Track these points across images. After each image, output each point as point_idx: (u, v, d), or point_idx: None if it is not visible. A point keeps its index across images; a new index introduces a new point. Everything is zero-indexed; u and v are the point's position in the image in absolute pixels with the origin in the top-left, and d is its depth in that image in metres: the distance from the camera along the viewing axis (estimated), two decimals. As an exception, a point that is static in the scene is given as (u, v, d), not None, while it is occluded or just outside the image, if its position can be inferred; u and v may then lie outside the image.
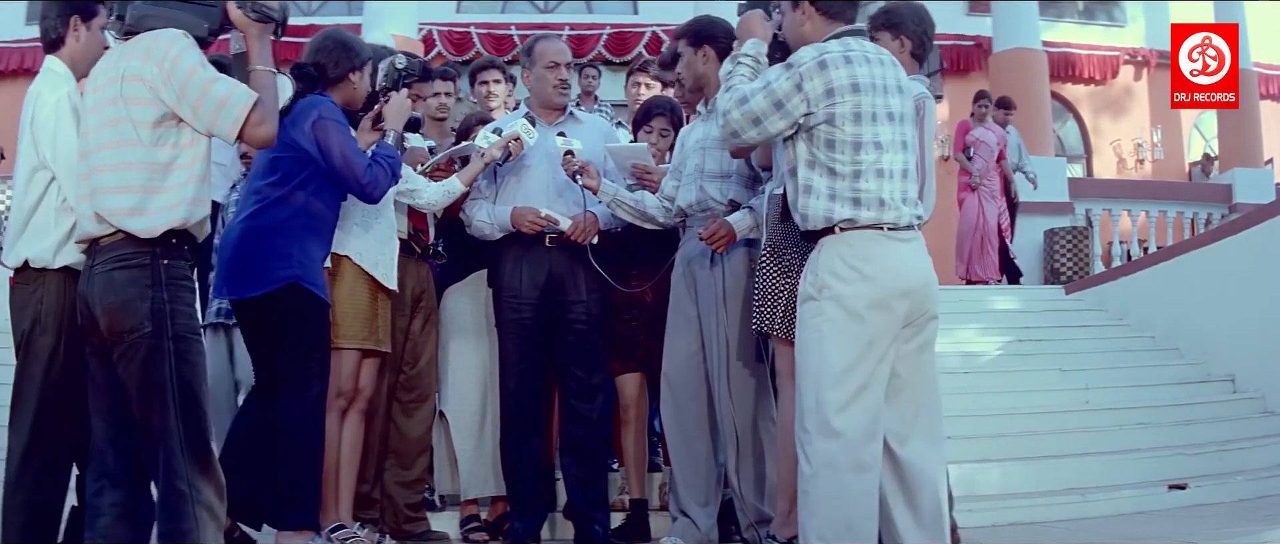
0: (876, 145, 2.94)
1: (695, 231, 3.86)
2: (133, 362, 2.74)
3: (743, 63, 3.19)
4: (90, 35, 3.24)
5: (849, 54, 2.96)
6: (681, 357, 3.91)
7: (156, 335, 2.73)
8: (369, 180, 3.52)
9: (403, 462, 4.17)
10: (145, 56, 2.78)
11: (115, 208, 2.76)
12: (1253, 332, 6.69)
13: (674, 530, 3.92)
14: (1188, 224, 10.85)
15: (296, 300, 3.48)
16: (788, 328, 3.45)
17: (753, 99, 2.97)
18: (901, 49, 3.55)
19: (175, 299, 2.78)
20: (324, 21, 15.29)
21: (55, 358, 3.08)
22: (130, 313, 2.73)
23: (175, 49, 2.78)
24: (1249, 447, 5.88)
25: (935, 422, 3.05)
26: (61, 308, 3.07)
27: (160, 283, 2.76)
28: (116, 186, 2.77)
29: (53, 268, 3.10)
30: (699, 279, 3.87)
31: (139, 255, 2.76)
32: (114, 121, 2.79)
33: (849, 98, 2.91)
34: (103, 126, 2.82)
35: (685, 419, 3.92)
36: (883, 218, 2.93)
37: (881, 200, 2.93)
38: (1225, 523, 4.67)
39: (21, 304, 3.15)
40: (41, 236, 3.12)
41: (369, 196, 3.59)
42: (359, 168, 3.49)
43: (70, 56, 3.24)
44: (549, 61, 4.21)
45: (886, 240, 2.94)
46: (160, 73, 2.75)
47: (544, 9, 15.73)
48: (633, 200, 4.03)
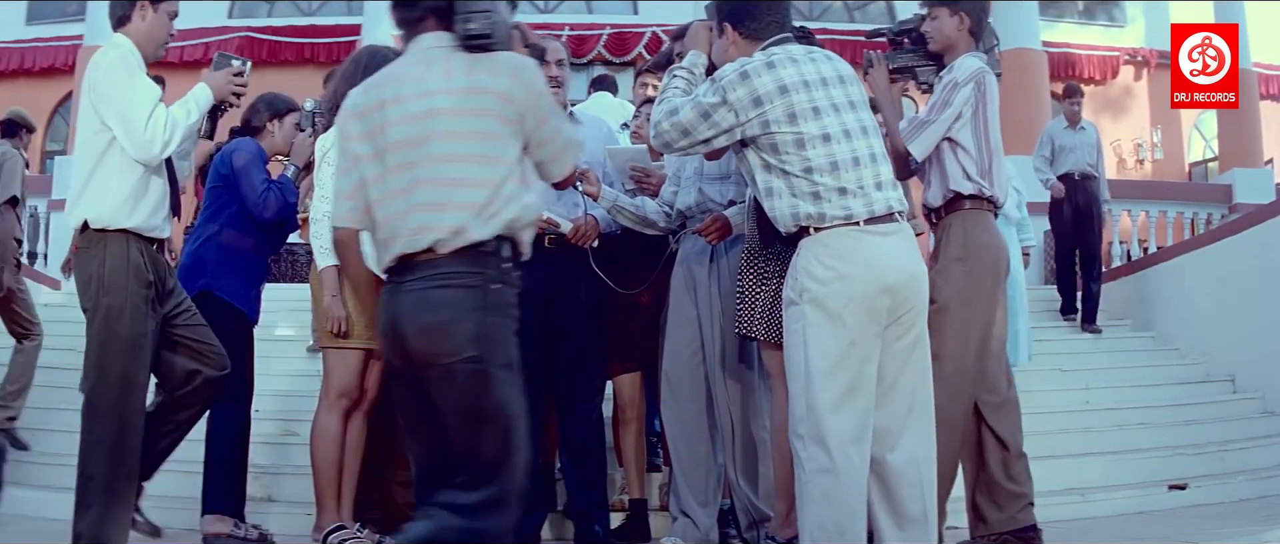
0: (823, 138, 2.93)
1: (692, 233, 3.86)
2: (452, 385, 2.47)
3: (678, 75, 3.23)
4: (156, 18, 3.56)
5: (772, 60, 2.98)
6: (681, 356, 3.92)
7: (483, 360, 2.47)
8: (262, 201, 3.99)
9: (403, 462, 4.16)
10: (513, 77, 2.52)
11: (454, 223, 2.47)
12: (1253, 332, 6.69)
13: (674, 530, 3.92)
14: (1188, 224, 10.85)
15: (209, 307, 3.86)
16: (766, 330, 3.46)
17: (681, 111, 3.02)
18: (960, 26, 3.59)
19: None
20: (324, 22, 15.31)
21: (122, 316, 3.41)
22: (455, 334, 2.44)
23: (541, 83, 2.61)
24: (1249, 447, 5.89)
25: (927, 421, 3.02)
26: (125, 271, 3.42)
27: (487, 306, 2.49)
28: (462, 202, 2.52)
29: (112, 229, 3.42)
30: (698, 279, 3.87)
31: (468, 274, 2.46)
32: (468, 135, 2.51)
33: (778, 100, 2.93)
34: (454, 137, 2.49)
35: (685, 419, 3.92)
36: (852, 209, 2.91)
37: (843, 189, 2.91)
38: (1225, 523, 4.67)
39: (82, 266, 3.48)
40: (103, 196, 3.42)
41: (261, 215, 4.02)
42: (256, 190, 4.00)
43: (135, 35, 3.54)
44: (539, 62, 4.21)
45: (864, 235, 2.91)
46: (528, 100, 2.53)
47: (544, 9, 15.73)
48: (633, 206, 4.03)
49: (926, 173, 3.64)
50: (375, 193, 2.49)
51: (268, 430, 5.35)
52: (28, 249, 9.41)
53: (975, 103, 3.52)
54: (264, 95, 4.34)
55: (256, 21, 15.45)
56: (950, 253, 3.55)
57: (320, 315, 3.91)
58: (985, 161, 3.56)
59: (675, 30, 4.25)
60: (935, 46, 3.66)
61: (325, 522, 3.81)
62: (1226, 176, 12.24)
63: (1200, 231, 10.20)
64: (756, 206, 3.53)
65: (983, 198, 3.57)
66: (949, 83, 3.53)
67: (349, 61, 4.08)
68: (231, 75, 3.67)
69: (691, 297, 3.89)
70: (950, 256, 3.55)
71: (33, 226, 9.57)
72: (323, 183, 3.85)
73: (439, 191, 2.41)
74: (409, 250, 2.43)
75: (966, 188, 3.55)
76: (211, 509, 3.97)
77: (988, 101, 3.53)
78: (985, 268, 3.56)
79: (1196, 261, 7.44)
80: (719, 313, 3.78)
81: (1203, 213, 11.11)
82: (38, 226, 9.63)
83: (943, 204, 3.60)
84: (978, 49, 3.63)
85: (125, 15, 3.56)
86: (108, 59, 3.47)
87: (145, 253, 3.53)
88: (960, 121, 3.51)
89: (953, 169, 3.56)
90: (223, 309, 3.98)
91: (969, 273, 3.52)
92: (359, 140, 2.50)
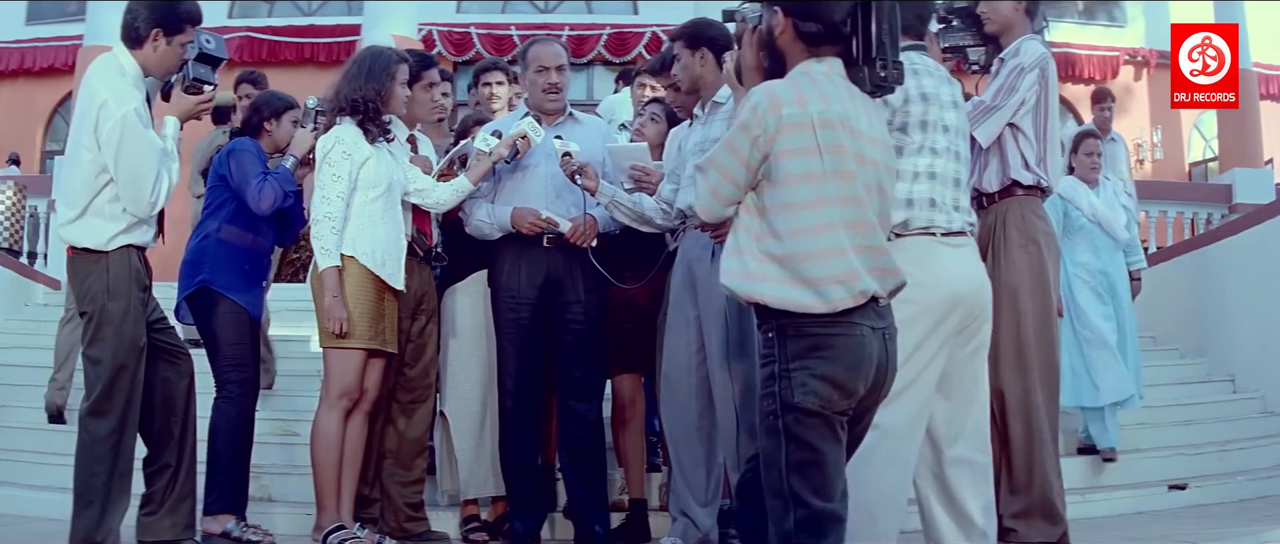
0: (931, 151, 2.99)
1: (693, 230, 3.86)
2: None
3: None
4: (169, 49, 3.58)
5: (914, 67, 2.99)
6: (681, 356, 3.91)
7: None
8: (258, 193, 3.97)
9: (402, 462, 4.17)
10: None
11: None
12: (1253, 332, 6.69)
13: (674, 530, 3.92)
14: (1188, 224, 10.84)
15: (207, 301, 3.99)
16: None
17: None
18: (1017, 7, 3.56)
19: None
20: (324, 22, 15.32)
21: (125, 318, 3.50)
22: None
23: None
24: (1249, 447, 5.89)
25: (983, 424, 3.08)
26: (127, 276, 3.53)
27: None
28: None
29: (113, 249, 3.53)
30: (699, 279, 3.86)
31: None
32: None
33: (913, 106, 2.97)
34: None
35: (685, 419, 3.92)
36: (935, 220, 2.96)
37: (933, 202, 2.97)
38: (1225, 523, 4.67)
39: (84, 275, 3.54)
40: (98, 229, 3.52)
41: (257, 207, 3.99)
42: (252, 182, 3.99)
43: (144, 58, 3.57)
44: (538, 66, 4.22)
45: (939, 246, 2.96)
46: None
47: (544, 9, 15.73)
48: (630, 202, 4.03)
49: (981, 156, 3.60)
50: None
51: (268, 430, 5.35)
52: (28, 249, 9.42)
53: (1039, 89, 3.48)
54: (261, 94, 4.37)
55: (256, 21, 15.46)
56: (1012, 240, 3.53)
57: (321, 316, 3.91)
58: (1042, 149, 3.54)
59: (672, 32, 4.24)
60: (991, 27, 3.62)
61: (325, 522, 3.81)
62: (1226, 176, 12.23)
63: (1200, 231, 10.20)
64: None
65: (1040, 187, 3.57)
66: (1015, 67, 3.49)
67: (351, 61, 4.09)
68: (197, 103, 3.71)
69: (692, 296, 3.89)
70: (1013, 243, 3.53)
71: (33, 227, 9.57)
72: (323, 184, 3.85)
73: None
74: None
75: (1026, 178, 3.54)
76: (212, 509, 3.97)
77: (1050, 88, 3.50)
78: (1049, 254, 3.56)
79: (1196, 261, 7.43)
80: (721, 313, 3.76)
81: (1203, 213, 11.10)
82: (38, 227, 9.63)
83: (998, 190, 3.58)
84: (1032, 29, 3.59)
85: (139, 38, 3.56)
86: (122, 110, 3.44)
87: (141, 258, 3.64)
88: (1024, 108, 3.49)
89: (1013, 157, 3.54)
90: (221, 304, 4.00)
91: (1034, 260, 3.51)
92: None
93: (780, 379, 2.34)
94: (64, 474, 3.58)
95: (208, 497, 3.97)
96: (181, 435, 3.78)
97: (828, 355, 2.33)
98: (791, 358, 2.34)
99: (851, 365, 2.35)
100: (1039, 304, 3.52)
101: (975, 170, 3.62)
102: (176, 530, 3.74)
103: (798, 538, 2.33)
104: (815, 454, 2.34)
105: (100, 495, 3.46)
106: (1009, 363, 3.47)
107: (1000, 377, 3.43)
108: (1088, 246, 5.63)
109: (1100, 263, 5.63)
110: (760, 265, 2.38)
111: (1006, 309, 3.39)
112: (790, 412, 2.32)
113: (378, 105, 3.90)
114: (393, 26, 11.54)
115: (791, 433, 2.33)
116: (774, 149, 2.36)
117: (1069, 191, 5.53)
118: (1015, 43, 3.56)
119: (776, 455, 2.35)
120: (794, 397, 2.32)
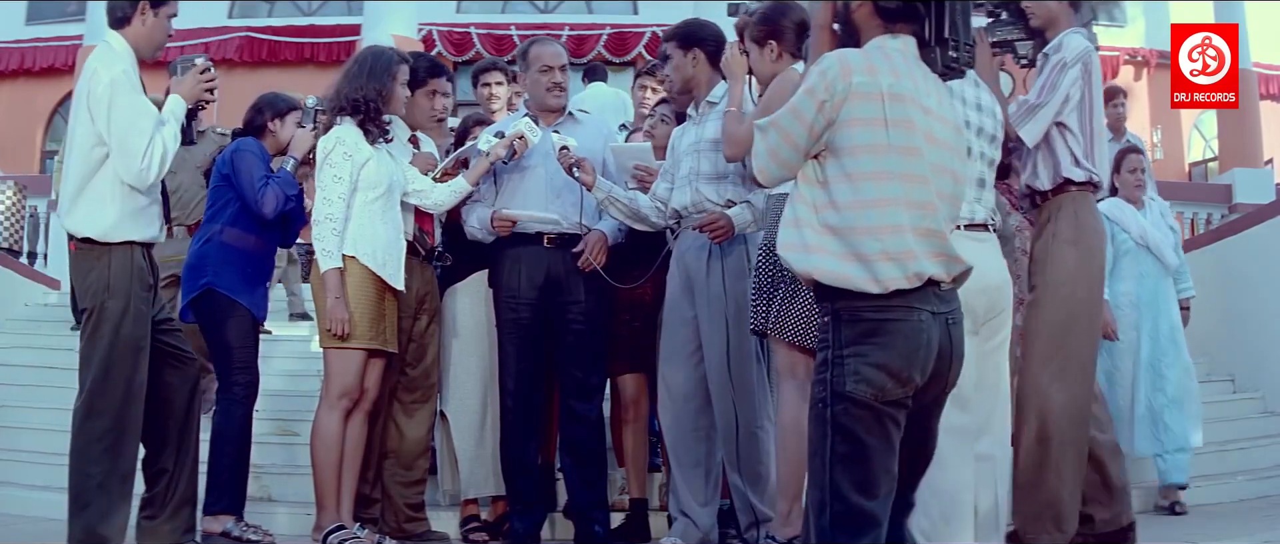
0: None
1: (689, 230, 3.86)
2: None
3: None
4: (156, 21, 3.59)
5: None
6: (679, 357, 3.91)
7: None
8: (260, 196, 3.97)
9: (403, 462, 4.17)
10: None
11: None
12: (1253, 332, 6.68)
13: (674, 530, 3.92)
14: (1188, 224, 10.84)
15: (211, 303, 3.98)
16: (780, 327, 3.46)
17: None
18: (1061, 2, 3.53)
19: None
20: (324, 22, 15.32)
21: (124, 317, 3.48)
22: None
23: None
24: (1249, 447, 5.88)
25: (1005, 420, 3.10)
26: (129, 273, 3.50)
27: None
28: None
29: (115, 243, 3.50)
30: (696, 279, 3.86)
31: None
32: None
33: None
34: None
35: (683, 420, 3.92)
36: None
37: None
38: (1225, 523, 4.67)
39: (86, 270, 3.52)
40: (99, 212, 3.49)
41: (259, 210, 3.99)
42: (254, 187, 3.98)
43: (133, 36, 3.57)
44: (542, 65, 4.22)
45: (963, 240, 2.91)
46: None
47: (544, 9, 15.74)
48: (626, 199, 4.03)
49: (1031, 155, 3.58)
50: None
51: (268, 430, 5.35)
52: (28, 249, 9.43)
53: (1083, 85, 3.46)
54: (265, 95, 4.34)
55: (256, 21, 15.47)
56: (1062, 235, 3.50)
57: (322, 316, 3.91)
58: (1089, 144, 3.52)
59: (665, 32, 4.25)
60: (1036, 22, 3.59)
61: (325, 522, 3.81)
62: (1226, 176, 12.23)
63: (1200, 232, 10.20)
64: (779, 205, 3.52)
65: (1092, 182, 3.55)
66: (1057, 63, 3.46)
67: (352, 61, 4.09)
68: (198, 75, 3.70)
69: (689, 297, 3.89)
70: (1062, 239, 3.50)
71: (33, 227, 9.57)
72: (324, 185, 3.85)
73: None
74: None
75: (1078, 174, 3.52)
76: (212, 509, 3.96)
77: (1093, 83, 3.47)
78: (1098, 252, 3.54)
79: (1196, 261, 7.40)
80: (720, 313, 3.77)
81: (1203, 213, 11.10)
82: (38, 227, 9.63)
83: (1051, 188, 3.56)
84: (1077, 23, 3.57)
85: (126, 16, 3.58)
86: (110, 75, 3.47)
87: (146, 256, 3.61)
88: (1069, 105, 3.46)
89: (1062, 154, 3.51)
90: (226, 306, 3.99)
91: (1084, 256, 3.49)
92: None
93: (833, 366, 2.28)
94: (64, 474, 3.56)
95: (208, 497, 3.97)
96: (181, 440, 3.77)
97: (882, 341, 2.25)
98: (846, 344, 2.27)
99: (907, 352, 2.26)
100: (1085, 303, 3.47)
101: (1026, 168, 3.61)
102: (175, 535, 3.74)
103: (832, 534, 2.26)
104: (861, 448, 2.26)
105: (97, 497, 3.44)
106: (1042, 359, 3.42)
107: (1030, 371, 3.40)
108: (1133, 274, 5.18)
109: (1142, 292, 5.19)
110: (819, 238, 2.31)
111: (1050, 304, 3.35)
112: (840, 401, 2.26)
113: (378, 105, 3.90)
114: (393, 26, 11.54)
115: (838, 423, 2.26)
116: (840, 116, 2.29)
117: (1115, 213, 5.08)
118: (1058, 37, 3.53)
119: (822, 445, 2.28)
120: (845, 385, 2.25)
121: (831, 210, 2.30)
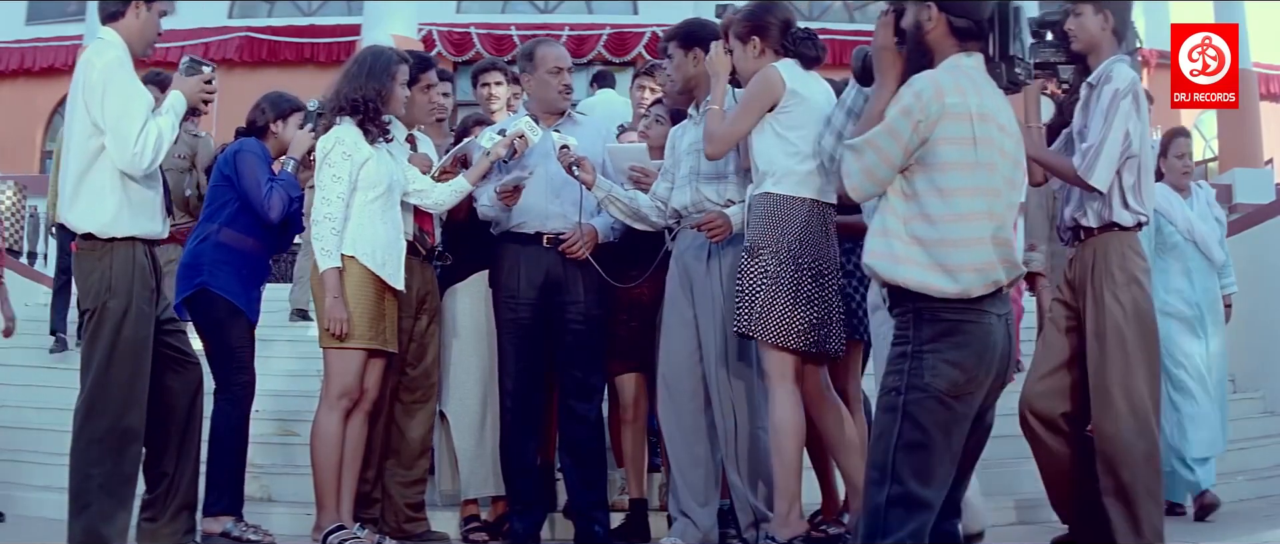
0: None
1: (688, 230, 3.86)
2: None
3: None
4: (149, 17, 3.61)
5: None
6: (678, 357, 3.91)
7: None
8: (266, 200, 3.97)
9: (403, 462, 4.17)
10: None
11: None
12: (1253, 332, 6.68)
13: (674, 530, 3.92)
14: (1187, 224, 10.84)
15: (206, 303, 3.97)
16: (763, 330, 3.45)
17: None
18: (1104, 25, 3.42)
19: None
20: (324, 22, 15.33)
21: (126, 317, 3.46)
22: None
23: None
24: (1249, 447, 5.87)
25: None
26: (130, 273, 3.48)
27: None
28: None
29: (119, 238, 3.49)
30: (695, 279, 3.86)
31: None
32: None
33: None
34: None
35: (683, 420, 3.92)
36: None
37: None
38: (1225, 523, 4.66)
39: (87, 271, 3.51)
40: (98, 205, 3.48)
41: (266, 214, 3.99)
42: (260, 190, 3.98)
43: (126, 31, 3.59)
44: (552, 66, 4.22)
45: None
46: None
47: (544, 9, 15.75)
48: (626, 198, 4.04)
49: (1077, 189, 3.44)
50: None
51: (268, 430, 5.35)
52: (28, 249, 9.43)
53: (1135, 118, 3.32)
54: (268, 95, 4.33)
55: (256, 21, 15.48)
56: (1117, 279, 3.35)
57: (322, 316, 3.91)
58: (1138, 179, 3.38)
59: (665, 32, 4.25)
60: (1078, 46, 3.45)
61: (325, 522, 3.81)
62: (1226, 176, 12.25)
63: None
64: (761, 205, 3.53)
65: (1138, 223, 3.42)
66: (1111, 94, 3.31)
67: (352, 61, 4.09)
68: (202, 83, 3.70)
69: (688, 297, 3.89)
70: (1119, 283, 3.35)
71: (32, 227, 9.58)
72: (323, 185, 3.85)
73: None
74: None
75: (1126, 219, 3.39)
76: (211, 510, 3.96)
77: (1141, 114, 3.34)
78: (1150, 291, 3.44)
79: (1196, 261, 7.42)
80: (719, 313, 3.77)
81: (1202, 213, 11.09)
82: (38, 227, 9.63)
83: (1098, 226, 3.41)
84: (1120, 51, 3.46)
85: (119, 12, 3.59)
86: (103, 61, 3.48)
87: (148, 255, 3.59)
88: (1128, 141, 3.31)
89: (1114, 194, 3.36)
90: (220, 306, 3.99)
91: (1140, 300, 3.36)
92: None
93: (912, 359, 2.46)
94: (65, 474, 3.56)
95: (208, 497, 3.97)
96: (181, 443, 3.76)
97: (960, 341, 2.45)
98: (925, 341, 2.46)
99: (980, 352, 2.46)
100: (1146, 348, 3.34)
101: (1071, 200, 3.50)
102: (176, 538, 3.74)
103: (887, 514, 2.42)
104: (927, 438, 2.43)
105: (98, 498, 3.43)
106: (1115, 408, 3.28)
107: (1106, 422, 3.27)
108: (1181, 270, 4.87)
109: (1195, 291, 4.88)
110: (907, 249, 2.49)
111: (1115, 352, 3.24)
112: (914, 391, 2.43)
113: (378, 105, 3.90)
114: (393, 26, 11.57)
115: (909, 412, 2.43)
116: (934, 135, 2.47)
117: (1162, 202, 4.68)
118: (1103, 66, 3.39)
119: (889, 430, 2.45)
120: (924, 377, 2.43)
121: (921, 222, 2.49)
